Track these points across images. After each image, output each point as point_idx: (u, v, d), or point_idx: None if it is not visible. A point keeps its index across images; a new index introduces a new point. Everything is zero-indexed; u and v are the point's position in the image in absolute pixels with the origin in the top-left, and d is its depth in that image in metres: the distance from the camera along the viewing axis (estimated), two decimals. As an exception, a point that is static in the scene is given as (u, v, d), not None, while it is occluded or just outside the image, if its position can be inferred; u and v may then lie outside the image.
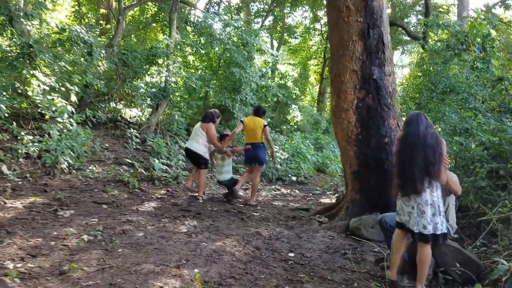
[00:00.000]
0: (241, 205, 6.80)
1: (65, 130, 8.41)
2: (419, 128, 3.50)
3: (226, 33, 12.38)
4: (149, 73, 12.83)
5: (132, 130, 9.46)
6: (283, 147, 13.35)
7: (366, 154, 5.36)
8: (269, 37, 24.83)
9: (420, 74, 7.63)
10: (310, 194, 9.33)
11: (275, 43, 25.13)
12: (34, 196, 5.80)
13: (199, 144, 6.87)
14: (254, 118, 6.94)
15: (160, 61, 12.48)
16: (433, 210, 3.46)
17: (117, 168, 7.78)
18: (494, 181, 5.76)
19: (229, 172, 7.08)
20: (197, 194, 7.03)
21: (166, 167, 8.12)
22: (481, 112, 6.50)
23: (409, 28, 16.27)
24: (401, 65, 23.52)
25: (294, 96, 19.49)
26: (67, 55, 9.33)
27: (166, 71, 11.73)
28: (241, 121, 7.00)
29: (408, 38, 21.33)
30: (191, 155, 7.00)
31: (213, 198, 7.20)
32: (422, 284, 3.65)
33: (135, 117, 14.65)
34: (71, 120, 8.57)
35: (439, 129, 6.90)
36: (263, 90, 15.88)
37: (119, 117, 13.42)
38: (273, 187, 9.87)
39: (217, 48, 13.06)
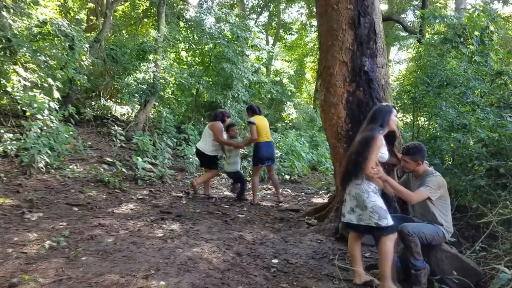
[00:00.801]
0: (227, 206, 6.43)
1: (45, 128, 8.01)
2: (365, 122, 3.72)
3: (216, 27, 11.97)
4: (139, 69, 12.42)
5: (116, 127, 9.05)
6: (277, 145, 12.98)
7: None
8: (264, 33, 24.41)
9: (416, 69, 7.26)
10: (303, 193, 8.97)
11: (271, 40, 24.75)
12: (3, 197, 5.42)
13: (206, 143, 6.91)
14: (261, 117, 6.94)
15: (150, 56, 12.10)
16: (355, 202, 3.50)
17: (99, 167, 7.39)
18: (494, 179, 5.44)
19: (235, 164, 7.00)
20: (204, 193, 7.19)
21: (150, 166, 7.73)
22: (480, 107, 6.14)
23: (405, 23, 15.90)
24: (398, 60, 23.15)
25: (289, 93, 19.13)
26: (48, 49, 8.93)
27: (154, 66, 11.33)
28: (252, 122, 6.78)
29: (405, 34, 20.98)
30: (198, 155, 7.09)
31: (197, 199, 6.82)
32: (385, 282, 3.45)
33: (124, 114, 14.28)
34: (51, 117, 8.16)
35: (436, 125, 6.54)
36: (256, 87, 15.50)
37: (108, 115, 13.07)
38: (264, 186, 9.50)
39: (208, 44, 12.65)
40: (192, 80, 12.60)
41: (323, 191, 8.65)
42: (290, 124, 18.90)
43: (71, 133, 9.53)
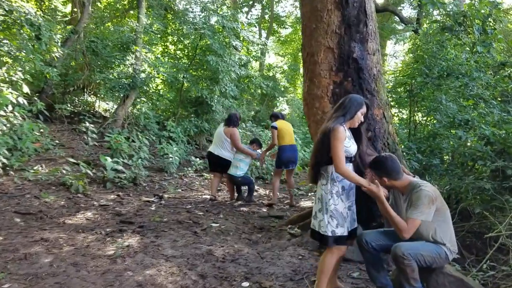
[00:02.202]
0: (201, 213, 5.72)
1: (8, 125, 7.28)
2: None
3: (201, 16, 11.21)
4: (121, 62, 11.66)
5: (88, 124, 8.32)
6: (268, 142, 12.27)
7: (344, 152, 4.30)
8: (257, 27, 23.65)
9: (413, 61, 6.56)
10: (289, 195, 8.27)
11: (264, 34, 23.99)
12: None
13: (224, 149, 6.78)
14: (284, 122, 6.90)
15: (134, 49, 11.34)
16: (319, 205, 3.06)
17: (62, 169, 6.67)
18: (500, 182, 4.77)
19: (243, 170, 6.74)
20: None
21: (121, 167, 7.02)
22: (484, 100, 5.47)
23: (401, 14, 15.19)
24: (394, 52, 22.42)
25: (282, 89, 18.45)
26: (12, 39, 8.18)
27: (134, 58, 10.59)
28: (274, 127, 6.67)
29: (401, 27, 20.28)
30: (215, 160, 6.87)
31: (169, 205, 6.11)
32: None
33: (107, 110, 13.55)
34: (15, 113, 7.44)
35: (434, 121, 5.86)
36: (245, 81, 14.78)
37: (91, 111, 12.34)
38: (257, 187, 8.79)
39: (193, 35, 11.90)
40: (176, 73, 11.89)
41: (312, 193, 7.97)
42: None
43: (41, 130, 8.87)
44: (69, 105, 12.66)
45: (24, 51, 8.10)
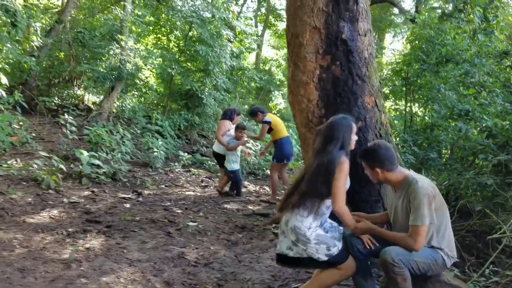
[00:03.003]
0: (180, 211, 5.30)
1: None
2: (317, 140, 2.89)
3: (190, 5, 10.73)
4: (108, 53, 11.18)
5: (67, 116, 7.88)
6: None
7: (332, 144, 3.88)
8: (253, 19, 23.16)
9: (410, 50, 6.13)
10: (283, 191, 7.86)
11: (260, 27, 23.50)
12: None
13: (218, 144, 6.77)
14: (272, 115, 6.82)
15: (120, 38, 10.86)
16: (294, 237, 2.62)
17: (35, 163, 6.23)
18: (502, 177, 4.39)
19: (234, 162, 6.64)
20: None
21: (99, 161, 6.58)
22: (486, 89, 5.04)
23: (400, 5, 14.72)
24: (391, 43, 21.92)
25: (278, 82, 18.00)
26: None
27: (118, 48, 10.12)
28: (268, 122, 6.32)
29: (400, 20, 19.80)
30: (214, 155, 7.13)
31: (147, 202, 5.68)
32: None
33: (95, 103, 13.09)
34: (-11, 105, 7.01)
35: (432, 112, 5.45)
36: (238, 74, 14.34)
37: (75, 104, 11.88)
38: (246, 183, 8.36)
39: (181, 24, 11.44)
40: (165, 65, 11.45)
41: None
42: (278, 114, 17.74)
43: (21, 123, 8.45)
44: (56, 98, 12.27)
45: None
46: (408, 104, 5.52)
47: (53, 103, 11.18)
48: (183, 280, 3.22)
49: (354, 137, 2.84)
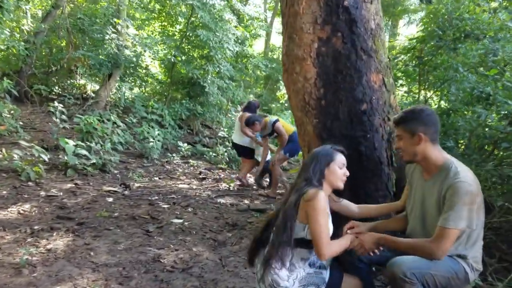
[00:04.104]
0: (166, 206, 4.79)
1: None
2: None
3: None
4: (102, 37, 10.69)
5: (57, 104, 7.42)
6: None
7: (332, 129, 3.32)
8: (262, 7, 22.48)
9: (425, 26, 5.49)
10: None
11: (269, 14, 22.83)
12: None
13: (239, 134, 6.59)
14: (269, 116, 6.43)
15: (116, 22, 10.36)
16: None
17: (15, 153, 5.78)
18: (528, 170, 3.80)
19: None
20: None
21: (86, 152, 6.11)
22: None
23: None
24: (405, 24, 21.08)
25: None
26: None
27: (114, 33, 9.63)
28: (277, 121, 6.03)
29: (415, 5, 18.95)
30: (235, 147, 7.06)
31: (133, 196, 5.18)
32: None
33: (93, 91, 12.66)
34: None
35: (448, 96, 4.85)
36: (243, 61, 13.77)
37: (74, 93, 11.44)
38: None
39: (182, 8, 10.91)
40: (166, 50, 10.95)
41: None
42: (286, 104, 17.21)
43: (12, 112, 8.05)
44: (57, 87, 11.87)
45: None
46: (422, 87, 4.93)
47: (53, 92, 10.77)
48: (152, 289, 2.72)
49: (340, 171, 2.28)
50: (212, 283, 2.89)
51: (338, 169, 2.25)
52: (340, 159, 2.28)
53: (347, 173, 2.31)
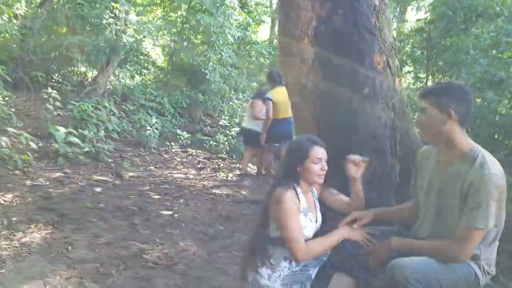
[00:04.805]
0: (157, 197, 4.55)
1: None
2: None
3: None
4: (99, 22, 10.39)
5: (50, 90, 7.19)
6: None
7: (330, 116, 3.04)
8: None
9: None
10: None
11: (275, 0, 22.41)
12: None
13: (254, 121, 6.23)
14: (280, 90, 5.56)
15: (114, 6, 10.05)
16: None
17: (2, 140, 5.55)
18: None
19: None
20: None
21: (78, 140, 5.88)
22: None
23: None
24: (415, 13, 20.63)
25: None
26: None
27: (111, 17, 9.35)
28: (269, 99, 5.69)
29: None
30: (245, 134, 6.53)
31: (123, 186, 4.94)
32: None
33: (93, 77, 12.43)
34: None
35: (459, 81, 4.54)
36: (246, 48, 13.45)
37: (75, 80, 11.21)
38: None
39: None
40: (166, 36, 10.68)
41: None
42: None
43: (7, 98, 7.83)
44: (57, 74, 11.64)
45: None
46: (430, 72, 4.62)
47: (53, 80, 10.52)
48: (129, 288, 2.49)
49: (315, 167, 2.04)
50: (196, 282, 2.65)
51: (313, 165, 2.04)
52: (315, 153, 2.04)
53: (325, 167, 2.08)
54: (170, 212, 3.98)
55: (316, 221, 2.12)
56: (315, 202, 2.18)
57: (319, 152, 2.06)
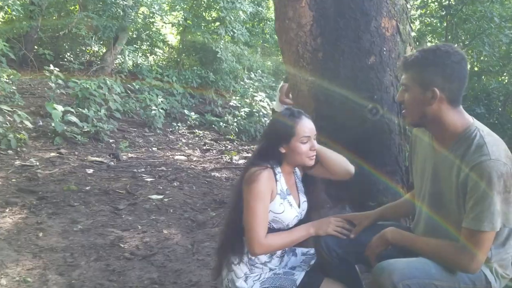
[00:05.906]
0: (150, 179, 4.25)
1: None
2: None
3: None
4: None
5: (52, 67, 6.95)
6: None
7: (330, 89, 2.67)
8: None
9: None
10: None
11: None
12: None
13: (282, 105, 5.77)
14: None
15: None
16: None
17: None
18: None
19: None
20: None
21: (76, 119, 5.64)
22: None
23: None
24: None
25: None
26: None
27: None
28: None
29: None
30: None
31: (117, 168, 4.67)
32: None
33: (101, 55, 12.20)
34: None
35: (481, 55, 4.10)
36: (260, 25, 13.00)
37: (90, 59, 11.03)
38: (252, 147, 7.29)
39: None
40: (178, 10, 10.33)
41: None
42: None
43: (12, 77, 7.66)
44: (69, 53, 11.45)
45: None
46: (450, 42, 4.17)
47: (64, 58, 10.34)
48: (98, 282, 2.22)
49: (303, 147, 1.66)
50: (174, 275, 2.36)
51: (301, 146, 1.66)
52: (303, 131, 1.66)
53: (315, 146, 1.70)
54: (160, 197, 3.69)
55: (299, 206, 1.76)
56: (297, 184, 1.82)
57: (307, 128, 1.68)
